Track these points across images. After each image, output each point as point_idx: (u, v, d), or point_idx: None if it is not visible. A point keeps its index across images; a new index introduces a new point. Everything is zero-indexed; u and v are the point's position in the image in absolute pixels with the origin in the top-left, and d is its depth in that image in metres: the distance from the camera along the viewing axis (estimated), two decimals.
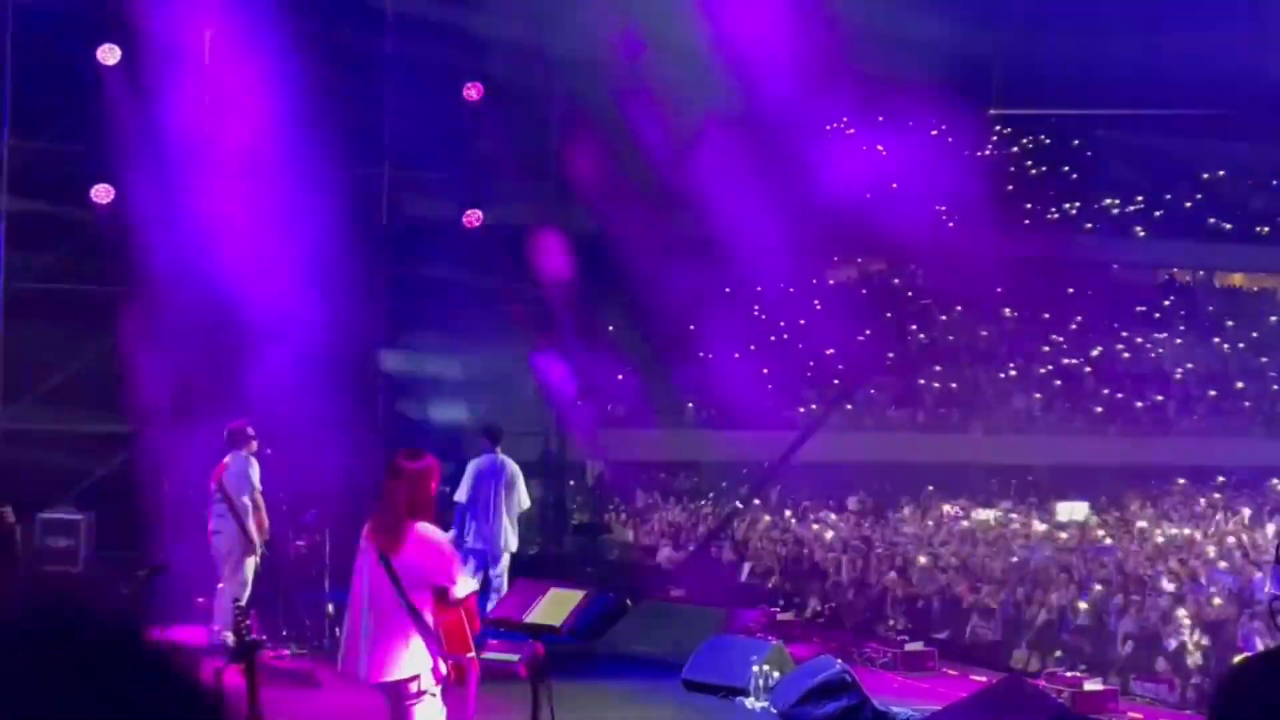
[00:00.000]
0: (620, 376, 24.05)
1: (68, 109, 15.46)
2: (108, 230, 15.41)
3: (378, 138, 16.99)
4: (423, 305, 16.77)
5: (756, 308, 33.35)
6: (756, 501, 25.82)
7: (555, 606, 9.18)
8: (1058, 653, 15.33)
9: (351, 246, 15.42)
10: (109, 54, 15.35)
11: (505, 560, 13.12)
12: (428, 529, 6.64)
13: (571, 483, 23.59)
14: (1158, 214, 39.01)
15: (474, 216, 17.48)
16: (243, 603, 9.48)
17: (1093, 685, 11.08)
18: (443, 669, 6.62)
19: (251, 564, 11.75)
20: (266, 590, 12.17)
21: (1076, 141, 39.58)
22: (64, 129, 15.57)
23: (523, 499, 13.33)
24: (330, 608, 12.03)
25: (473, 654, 6.83)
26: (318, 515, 12.63)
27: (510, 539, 13.16)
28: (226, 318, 15.03)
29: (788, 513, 24.70)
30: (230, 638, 10.04)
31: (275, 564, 12.36)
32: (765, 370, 31.08)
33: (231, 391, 14.24)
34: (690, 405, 30.75)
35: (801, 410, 30.42)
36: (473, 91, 17.45)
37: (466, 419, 16.70)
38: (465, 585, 6.67)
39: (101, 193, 15.38)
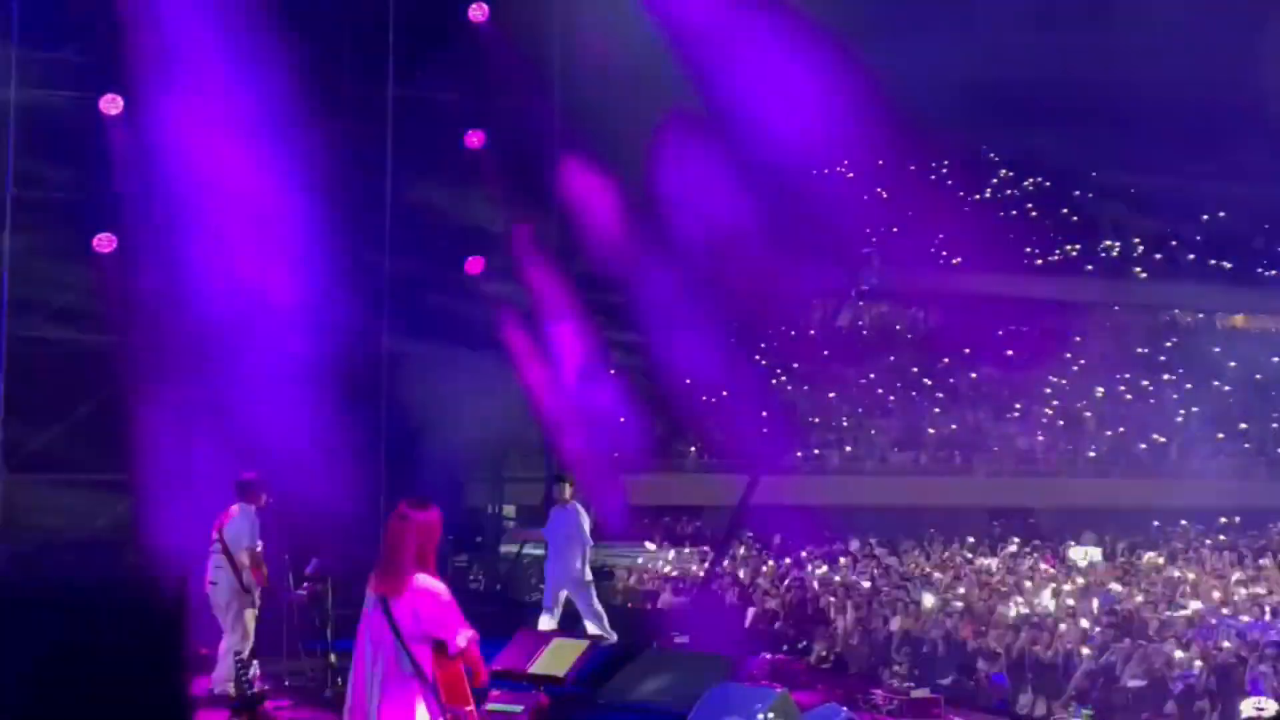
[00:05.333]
0: (622, 419, 24.00)
1: (71, 158, 15.51)
2: (110, 279, 15.42)
3: (380, 181, 17.04)
4: (425, 349, 16.78)
5: (760, 350, 33.37)
6: (759, 546, 25.72)
7: (558, 656, 9.15)
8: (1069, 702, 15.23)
9: (352, 292, 15.44)
10: (112, 104, 15.41)
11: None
12: (427, 580, 6.58)
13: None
14: (1158, 256, 39.06)
15: (476, 262, 17.54)
16: (244, 655, 9.42)
17: None
18: None
19: (251, 616, 11.69)
20: (269, 641, 12.10)
21: (1076, 187, 39.66)
22: (68, 178, 15.61)
23: None
24: (333, 658, 11.93)
25: (471, 707, 6.76)
26: (320, 564, 12.54)
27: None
28: (228, 365, 15.02)
29: (790, 558, 24.58)
30: (232, 690, 9.99)
31: (277, 614, 12.29)
32: (765, 414, 31.05)
33: (234, 439, 14.20)
34: (692, 449, 30.71)
35: (800, 454, 30.40)
36: (474, 139, 17.56)
37: (469, 466, 16.69)
38: (464, 636, 6.60)
39: (104, 241, 15.40)
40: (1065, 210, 39.41)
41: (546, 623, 13.82)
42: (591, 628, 13.78)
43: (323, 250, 14.94)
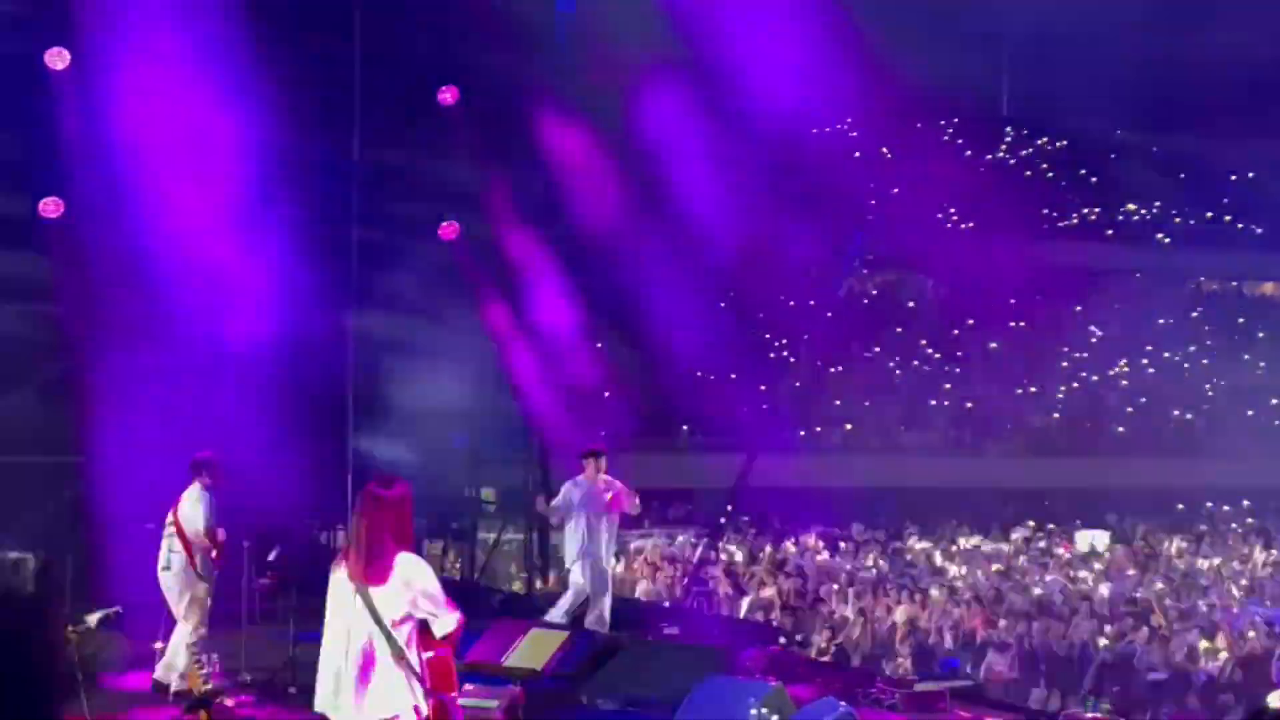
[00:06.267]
0: (607, 394, 24.02)
1: (14, 116, 15.43)
2: (57, 245, 15.37)
3: (346, 145, 16.99)
4: (395, 324, 16.78)
5: (756, 320, 33.36)
6: (755, 531, 25.77)
7: (536, 648, 9.17)
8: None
9: (317, 261, 15.40)
10: (58, 59, 15.31)
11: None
12: (410, 558, 6.64)
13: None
14: (1178, 219, 39.00)
15: (450, 228, 17.50)
16: (197, 647, 9.43)
17: None
18: (425, 709, 6.60)
19: (206, 604, 11.71)
20: (228, 633, 12.13)
21: (1096, 146, 39.57)
22: (10, 138, 15.54)
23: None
24: (295, 650, 11.96)
25: (456, 694, 6.81)
26: (283, 552, 12.57)
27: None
28: (184, 337, 14.99)
29: (789, 543, 24.64)
30: (187, 684, 10.01)
31: (237, 605, 12.32)
32: (763, 388, 31.06)
33: (190, 418, 14.19)
34: (685, 427, 30.72)
35: (802, 433, 30.41)
36: (447, 95, 17.48)
37: (441, 446, 16.71)
38: (453, 618, 6.64)
39: (50, 206, 15.34)
40: (1083, 171, 39.36)
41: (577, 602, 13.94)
42: (592, 618, 13.82)
43: (284, 215, 14.89)
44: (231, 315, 14.65)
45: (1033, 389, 34.74)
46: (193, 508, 11.60)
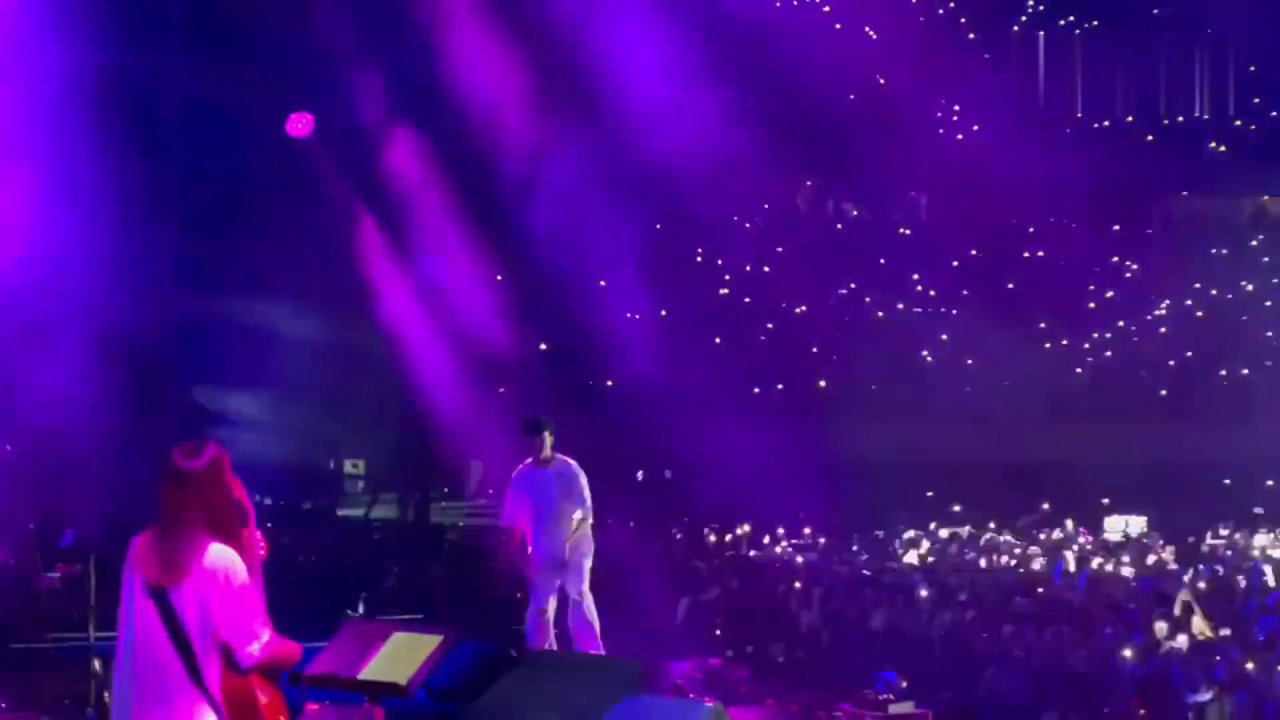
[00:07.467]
0: (509, 337, 23.99)
1: None
2: None
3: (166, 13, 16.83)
4: (227, 245, 16.66)
5: (701, 250, 33.41)
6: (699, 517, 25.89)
7: (401, 656, 9.08)
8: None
9: (124, 158, 15.24)
10: None
11: None
12: (223, 556, 6.48)
13: (445, 490, 23.45)
14: (1242, 123, 39.26)
15: (303, 122, 17.40)
16: None
17: None
18: None
19: None
20: (7, 642, 12.08)
21: (1132, 27, 39.78)
22: None
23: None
24: (97, 663, 11.92)
25: None
26: (79, 536, 12.53)
27: None
28: None
29: (739, 530, 24.75)
30: None
31: (20, 605, 12.29)
32: (718, 340, 31.09)
33: None
34: (610, 384, 30.73)
35: (756, 391, 30.47)
36: None
37: (290, 401, 16.64)
38: (257, 645, 6.52)
39: None
40: (1116, 60, 39.59)
41: (544, 627, 13.82)
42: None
43: (66, 96, 14.67)
44: (14, 246, 14.49)
45: (1051, 339, 34.95)
46: None
